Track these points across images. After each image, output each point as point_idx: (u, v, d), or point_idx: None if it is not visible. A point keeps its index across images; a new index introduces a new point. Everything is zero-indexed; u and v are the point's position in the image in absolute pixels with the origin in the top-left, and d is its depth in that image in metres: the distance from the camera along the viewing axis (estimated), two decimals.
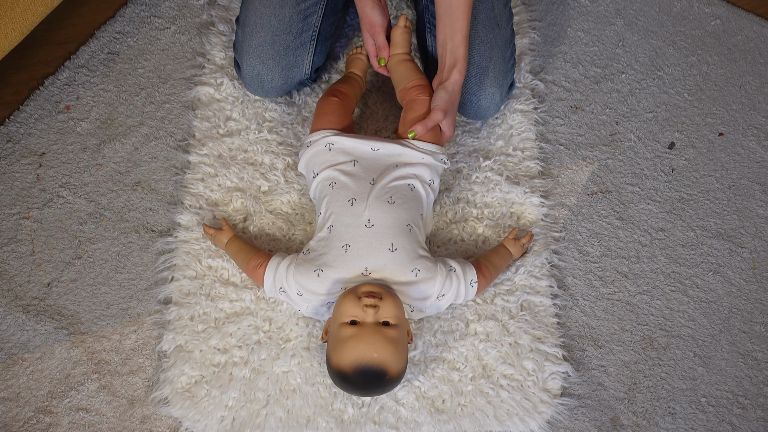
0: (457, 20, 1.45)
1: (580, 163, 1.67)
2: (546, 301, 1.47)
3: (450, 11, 1.45)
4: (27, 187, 1.59)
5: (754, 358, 1.47)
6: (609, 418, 1.40)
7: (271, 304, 1.44)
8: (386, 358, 1.23)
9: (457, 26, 1.45)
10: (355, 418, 1.35)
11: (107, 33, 1.79)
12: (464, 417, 1.35)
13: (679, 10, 1.92)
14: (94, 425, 1.35)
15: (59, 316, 1.45)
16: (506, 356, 1.41)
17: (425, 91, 1.51)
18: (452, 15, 1.45)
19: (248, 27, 1.57)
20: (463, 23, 1.45)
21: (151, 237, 1.54)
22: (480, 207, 1.57)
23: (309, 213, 1.56)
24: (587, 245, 1.57)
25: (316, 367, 1.38)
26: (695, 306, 1.52)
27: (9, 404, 1.37)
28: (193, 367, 1.38)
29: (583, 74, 1.80)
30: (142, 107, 1.70)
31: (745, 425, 1.40)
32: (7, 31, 1.56)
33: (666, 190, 1.65)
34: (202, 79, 1.71)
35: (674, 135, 1.73)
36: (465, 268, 1.39)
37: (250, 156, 1.62)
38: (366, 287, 1.28)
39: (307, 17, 1.58)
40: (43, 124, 1.67)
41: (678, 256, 1.57)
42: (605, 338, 1.47)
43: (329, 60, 1.75)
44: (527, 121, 1.68)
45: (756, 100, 1.79)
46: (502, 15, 1.57)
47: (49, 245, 1.52)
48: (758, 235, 1.60)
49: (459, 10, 1.44)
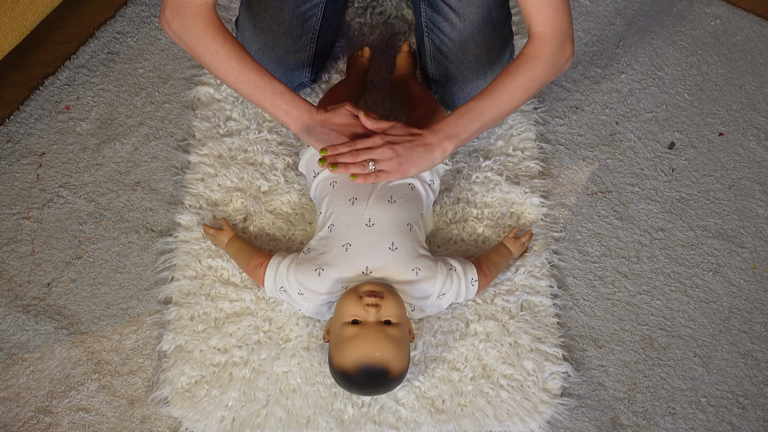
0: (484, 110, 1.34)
1: (580, 163, 1.67)
2: (546, 301, 1.47)
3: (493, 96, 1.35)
4: (27, 187, 1.59)
5: (754, 358, 1.47)
6: (609, 418, 1.40)
7: (271, 304, 1.44)
8: (389, 357, 1.23)
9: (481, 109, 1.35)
10: (355, 418, 1.35)
11: (107, 33, 1.79)
12: (464, 417, 1.35)
13: (679, 10, 1.92)
14: (94, 425, 1.35)
15: (59, 316, 1.45)
16: (506, 356, 1.41)
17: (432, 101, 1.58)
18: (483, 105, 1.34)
19: (248, 31, 1.57)
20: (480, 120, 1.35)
21: (151, 237, 1.54)
22: (480, 207, 1.57)
23: (309, 213, 1.56)
24: (587, 245, 1.57)
25: (316, 367, 1.38)
26: (695, 306, 1.52)
27: (9, 404, 1.37)
28: (193, 367, 1.38)
29: (583, 74, 1.80)
30: (142, 107, 1.70)
31: (745, 425, 1.40)
32: (7, 31, 1.56)
33: (666, 190, 1.65)
34: (202, 79, 1.72)
35: (674, 135, 1.73)
36: (465, 267, 1.39)
37: (250, 156, 1.62)
38: (367, 286, 1.28)
39: (307, 20, 1.58)
40: (43, 124, 1.67)
41: (678, 256, 1.57)
42: (605, 338, 1.47)
43: (329, 60, 1.75)
44: (527, 121, 1.68)
45: (756, 100, 1.79)
46: (499, 17, 1.56)
47: (49, 245, 1.52)
48: (758, 235, 1.60)
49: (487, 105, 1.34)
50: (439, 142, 1.31)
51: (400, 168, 1.30)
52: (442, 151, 1.32)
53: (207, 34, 1.31)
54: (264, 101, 1.35)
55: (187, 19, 1.31)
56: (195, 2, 1.31)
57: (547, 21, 1.32)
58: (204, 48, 1.32)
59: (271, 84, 1.34)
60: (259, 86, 1.34)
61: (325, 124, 1.35)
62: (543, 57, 1.33)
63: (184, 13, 1.31)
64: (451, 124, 1.32)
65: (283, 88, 1.35)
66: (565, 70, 1.40)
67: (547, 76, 1.35)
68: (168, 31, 1.35)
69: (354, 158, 1.29)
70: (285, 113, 1.35)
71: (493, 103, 1.33)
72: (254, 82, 1.34)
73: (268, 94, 1.34)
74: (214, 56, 1.33)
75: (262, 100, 1.35)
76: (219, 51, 1.32)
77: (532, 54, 1.33)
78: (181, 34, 1.33)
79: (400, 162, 1.29)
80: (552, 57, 1.34)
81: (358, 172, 1.29)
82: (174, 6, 1.31)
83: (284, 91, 1.35)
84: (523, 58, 1.34)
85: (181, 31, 1.32)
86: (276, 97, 1.34)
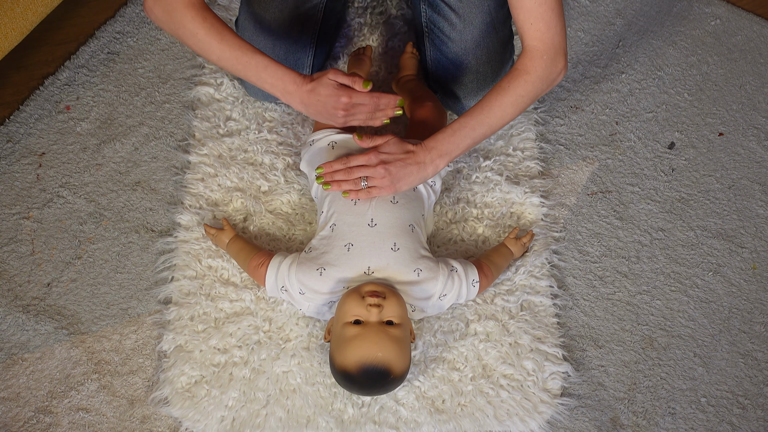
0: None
1: (580, 163, 1.67)
2: (546, 301, 1.47)
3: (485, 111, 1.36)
4: (27, 187, 1.59)
5: (754, 358, 1.47)
6: (609, 418, 1.40)
7: (271, 304, 1.44)
8: (390, 358, 1.23)
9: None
10: (355, 418, 1.35)
11: (107, 33, 1.79)
12: (464, 417, 1.35)
13: (679, 10, 1.92)
14: (94, 425, 1.35)
15: (59, 316, 1.45)
16: (506, 356, 1.41)
17: (434, 102, 1.59)
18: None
19: (248, 31, 1.57)
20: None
21: (151, 237, 1.54)
22: (480, 207, 1.57)
23: (309, 213, 1.56)
24: (587, 245, 1.57)
25: (316, 367, 1.38)
26: (695, 306, 1.52)
27: (9, 404, 1.37)
28: (193, 367, 1.38)
29: (583, 74, 1.80)
30: (142, 107, 1.70)
31: (745, 425, 1.40)
32: (7, 31, 1.56)
33: (666, 190, 1.65)
34: (202, 79, 1.71)
35: (674, 135, 1.73)
36: (467, 268, 1.39)
37: (250, 156, 1.62)
38: (369, 286, 1.28)
39: (307, 20, 1.58)
40: (43, 124, 1.67)
41: (678, 256, 1.57)
42: (605, 338, 1.47)
43: (329, 60, 1.75)
44: (527, 121, 1.68)
45: (756, 100, 1.79)
46: (498, 17, 1.56)
47: (49, 245, 1.52)
48: (758, 235, 1.60)
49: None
50: (431, 160, 1.35)
51: (391, 186, 1.34)
52: (434, 168, 1.36)
53: (186, 16, 1.31)
54: (251, 76, 1.35)
55: (167, 3, 1.31)
56: None
57: (538, 35, 1.33)
58: (184, 30, 1.33)
59: (254, 58, 1.34)
60: (242, 62, 1.34)
61: (312, 95, 1.35)
62: (534, 72, 1.34)
63: None
64: (443, 141, 1.35)
65: (267, 60, 1.34)
66: (557, 83, 1.42)
67: (539, 90, 1.36)
68: (152, 18, 1.36)
69: (347, 176, 1.34)
70: (272, 86, 1.35)
71: (485, 119, 1.35)
72: (237, 59, 1.34)
73: (252, 69, 1.34)
74: (194, 37, 1.33)
75: (248, 75, 1.35)
76: (198, 31, 1.32)
77: (523, 69, 1.34)
78: (163, 18, 1.33)
79: (392, 180, 1.34)
80: (543, 72, 1.35)
81: (350, 188, 1.34)
82: None
83: (268, 64, 1.34)
84: (515, 74, 1.35)
85: (162, 15, 1.33)
86: (260, 70, 1.34)
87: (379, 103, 1.38)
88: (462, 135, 1.35)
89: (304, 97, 1.35)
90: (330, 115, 1.37)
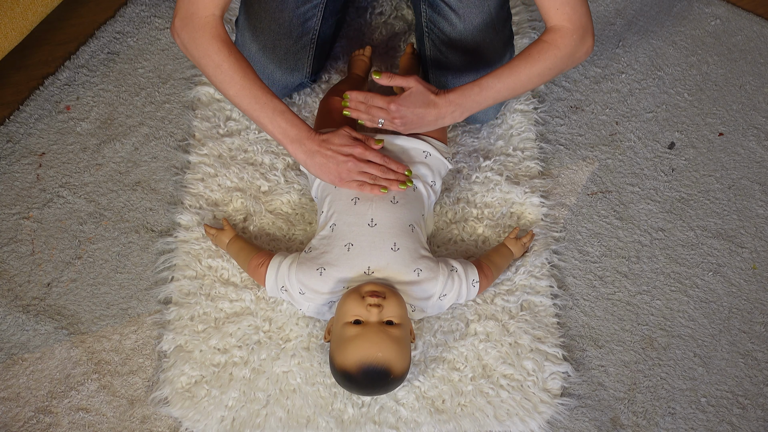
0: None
1: (580, 163, 1.67)
2: (546, 301, 1.47)
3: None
4: (27, 187, 1.59)
5: (754, 358, 1.47)
6: (609, 418, 1.40)
7: (271, 304, 1.44)
8: (390, 358, 1.23)
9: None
10: (355, 418, 1.35)
11: (107, 33, 1.79)
12: (464, 417, 1.35)
13: (679, 10, 1.92)
14: (94, 425, 1.35)
15: (59, 316, 1.45)
16: (506, 356, 1.41)
17: None
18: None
19: (248, 32, 1.57)
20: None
21: (151, 237, 1.54)
22: (480, 207, 1.57)
23: (309, 213, 1.56)
24: (587, 245, 1.57)
25: (316, 367, 1.38)
26: (695, 306, 1.52)
27: (9, 404, 1.37)
28: (193, 367, 1.38)
29: (583, 74, 1.80)
30: (142, 107, 1.70)
31: (745, 425, 1.40)
32: (7, 31, 1.56)
33: (666, 190, 1.65)
34: (202, 79, 1.72)
35: (674, 135, 1.73)
36: (467, 268, 1.39)
37: (250, 156, 1.62)
38: (370, 286, 1.28)
39: (307, 20, 1.58)
40: (43, 124, 1.67)
41: (678, 256, 1.57)
42: (605, 338, 1.47)
43: (329, 60, 1.75)
44: (527, 121, 1.68)
45: (756, 100, 1.79)
46: (499, 17, 1.56)
47: (49, 245, 1.52)
48: (758, 235, 1.60)
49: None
50: (451, 113, 1.38)
51: (405, 129, 1.39)
52: (452, 120, 1.39)
53: (212, 46, 1.32)
54: (263, 117, 1.35)
55: (194, 30, 1.32)
56: (203, 14, 1.31)
57: (566, 17, 1.35)
58: (209, 60, 1.32)
59: (272, 101, 1.34)
60: (261, 102, 1.34)
61: (324, 146, 1.35)
62: (564, 48, 1.36)
63: (192, 24, 1.31)
64: (469, 98, 1.37)
65: (284, 107, 1.35)
66: (582, 62, 1.44)
67: (565, 66, 1.39)
68: (177, 41, 1.36)
69: (367, 112, 1.37)
70: (283, 132, 1.35)
71: (511, 85, 1.37)
72: (256, 97, 1.34)
73: (268, 111, 1.34)
74: (218, 69, 1.33)
75: (261, 116, 1.35)
76: (223, 64, 1.32)
77: (553, 43, 1.36)
78: (188, 44, 1.34)
79: (407, 128, 1.39)
80: (571, 50, 1.37)
81: (367, 121, 1.38)
82: (183, 17, 1.32)
83: (285, 110, 1.35)
84: (544, 46, 1.36)
85: (188, 41, 1.33)
86: (276, 114, 1.34)
87: (389, 166, 1.38)
88: (486, 96, 1.37)
89: (315, 146, 1.35)
90: (335, 169, 1.36)
